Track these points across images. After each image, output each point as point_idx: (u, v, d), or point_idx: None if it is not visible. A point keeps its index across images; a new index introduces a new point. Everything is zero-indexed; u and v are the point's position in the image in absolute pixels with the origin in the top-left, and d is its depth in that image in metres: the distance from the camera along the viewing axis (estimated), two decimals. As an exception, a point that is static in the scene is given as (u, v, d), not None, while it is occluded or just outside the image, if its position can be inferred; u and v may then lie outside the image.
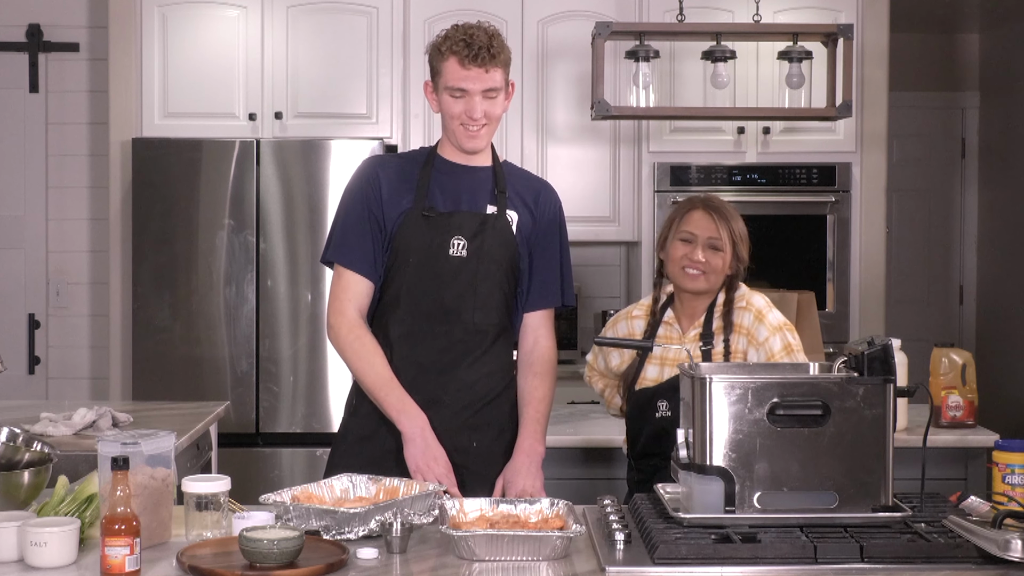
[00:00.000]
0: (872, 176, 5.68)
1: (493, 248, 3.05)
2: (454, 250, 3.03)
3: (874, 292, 5.70)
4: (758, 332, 3.21)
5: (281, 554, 2.29)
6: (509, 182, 3.12)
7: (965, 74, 7.75)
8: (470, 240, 3.03)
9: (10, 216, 5.92)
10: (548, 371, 3.15)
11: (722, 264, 3.24)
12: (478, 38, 2.98)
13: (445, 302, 3.04)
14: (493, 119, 3.06)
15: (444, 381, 3.05)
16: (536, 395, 3.12)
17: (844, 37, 4.76)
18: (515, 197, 3.11)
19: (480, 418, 3.07)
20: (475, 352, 3.06)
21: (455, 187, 3.08)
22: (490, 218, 3.06)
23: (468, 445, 3.06)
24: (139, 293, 5.31)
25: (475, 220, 3.05)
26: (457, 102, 3.02)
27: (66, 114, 5.90)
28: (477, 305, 3.05)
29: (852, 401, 2.51)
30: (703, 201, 3.29)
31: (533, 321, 3.16)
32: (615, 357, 3.40)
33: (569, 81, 5.63)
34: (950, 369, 4.04)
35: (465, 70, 2.98)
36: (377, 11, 5.56)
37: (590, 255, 6.04)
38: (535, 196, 3.14)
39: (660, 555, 2.35)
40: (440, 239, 3.03)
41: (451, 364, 3.05)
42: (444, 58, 3.01)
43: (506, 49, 3.05)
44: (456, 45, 2.98)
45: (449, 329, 3.05)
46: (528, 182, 3.18)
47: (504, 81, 3.05)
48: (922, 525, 2.51)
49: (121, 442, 2.52)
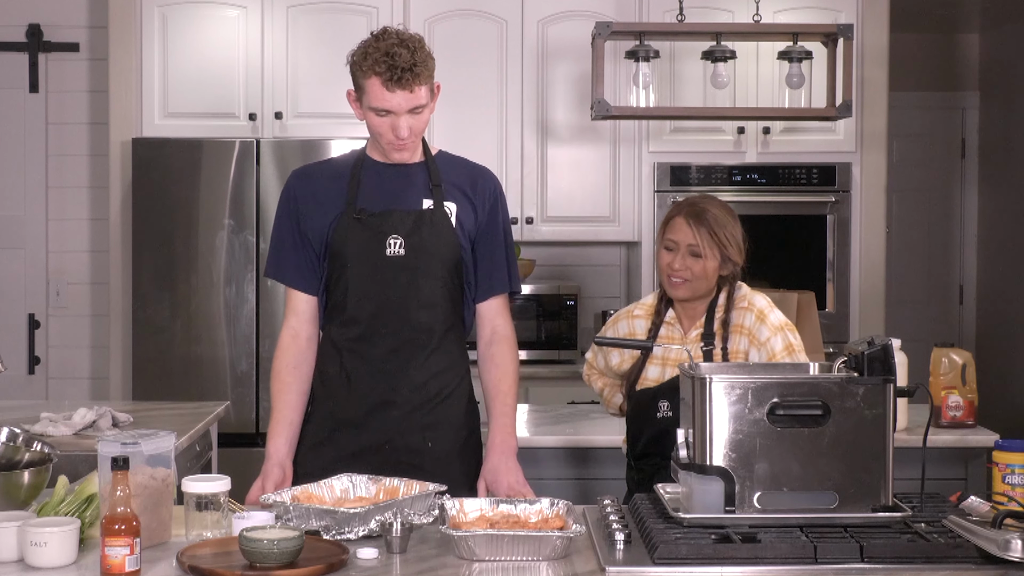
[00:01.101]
0: (872, 176, 5.68)
1: (432, 243, 3.01)
2: (391, 250, 3.01)
3: (874, 292, 5.70)
4: (759, 332, 3.20)
5: (281, 554, 2.29)
6: (444, 173, 3.08)
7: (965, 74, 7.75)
8: (407, 238, 3.01)
9: (10, 216, 5.92)
10: (510, 361, 3.10)
11: (703, 271, 3.21)
12: (401, 58, 2.90)
13: (387, 303, 3.02)
14: (419, 131, 3.02)
15: (394, 383, 3.02)
16: (502, 388, 3.07)
17: (844, 37, 4.76)
18: (452, 188, 3.07)
19: (433, 417, 3.04)
20: (423, 351, 3.03)
21: (388, 186, 3.05)
22: (426, 213, 3.03)
23: (422, 446, 3.03)
24: (139, 293, 5.31)
25: (410, 217, 3.02)
26: (383, 121, 2.97)
27: (66, 114, 5.90)
28: (421, 303, 3.02)
29: (852, 401, 2.51)
30: (687, 207, 3.26)
31: (487, 311, 3.10)
32: (615, 356, 3.40)
33: (569, 81, 5.63)
34: (950, 369, 4.04)
35: (390, 92, 2.92)
36: (377, 11, 5.56)
37: (590, 255, 6.04)
38: (472, 183, 3.10)
39: (660, 555, 2.35)
40: (376, 240, 3.01)
41: (400, 366, 3.02)
42: (366, 76, 2.95)
43: (429, 60, 2.96)
44: (379, 66, 2.91)
45: (394, 330, 3.02)
46: (465, 170, 3.13)
47: (429, 93, 2.98)
48: (922, 525, 2.51)
49: (121, 442, 2.52)
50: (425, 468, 2.97)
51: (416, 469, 2.95)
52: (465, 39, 5.62)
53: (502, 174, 5.65)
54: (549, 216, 5.69)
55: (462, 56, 5.62)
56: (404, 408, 3.03)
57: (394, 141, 2.98)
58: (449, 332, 3.06)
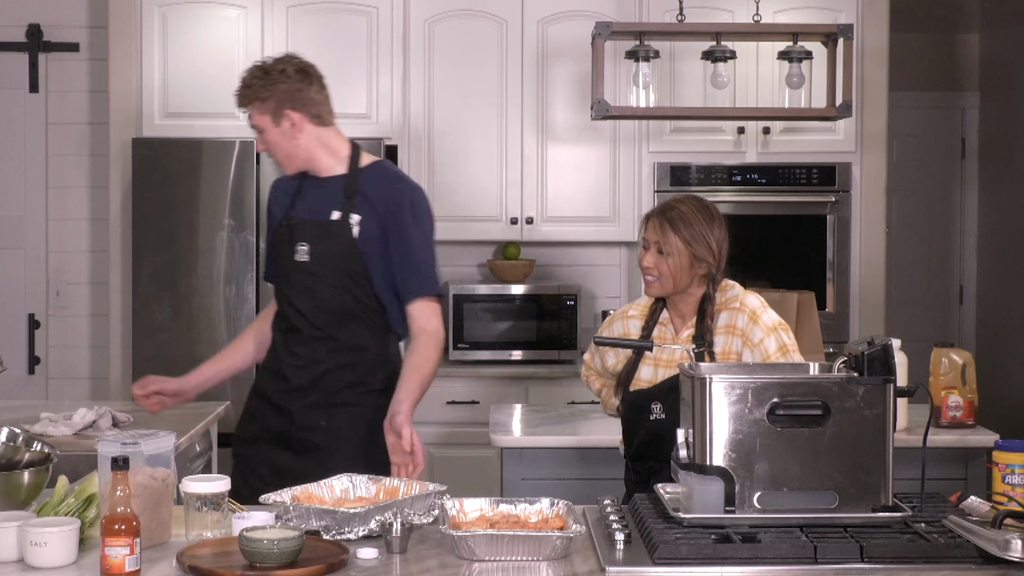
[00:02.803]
0: (872, 176, 5.68)
1: (330, 251, 3.32)
2: (299, 255, 3.34)
3: (874, 292, 5.70)
4: (753, 333, 3.20)
5: (281, 554, 2.29)
6: (364, 187, 3.34)
7: (965, 74, 7.75)
8: (312, 245, 3.33)
9: (10, 216, 5.92)
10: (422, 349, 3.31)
11: (669, 268, 3.22)
12: (244, 79, 3.33)
13: (293, 304, 3.36)
14: (275, 150, 3.36)
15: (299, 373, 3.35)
16: (408, 364, 3.30)
17: (844, 37, 4.75)
18: (365, 201, 3.33)
19: (331, 400, 3.33)
20: (325, 347, 3.33)
21: (314, 197, 3.38)
22: (332, 224, 3.32)
23: (318, 425, 3.33)
24: (139, 293, 5.31)
25: (317, 227, 3.34)
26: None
27: (66, 114, 5.90)
28: (321, 305, 3.33)
29: (852, 401, 2.51)
30: (659, 206, 3.31)
31: (412, 311, 3.35)
32: (611, 357, 3.40)
33: (569, 81, 5.63)
34: (950, 369, 4.04)
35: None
36: (377, 11, 5.56)
37: (590, 255, 6.04)
38: (388, 196, 3.34)
39: (660, 555, 2.35)
40: (290, 247, 3.36)
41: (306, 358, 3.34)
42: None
43: (259, 85, 3.29)
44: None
45: (300, 327, 3.35)
46: (387, 183, 3.38)
47: (263, 118, 3.32)
48: (922, 525, 2.51)
49: (121, 442, 2.53)
50: (322, 445, 3.30)
51: (314, 446, 3.30)
52: (465, 39, 5.62)
53: (502, 174, 5.66)
54: (549, 216, 5.69)
55: (462, 56, 5.62)
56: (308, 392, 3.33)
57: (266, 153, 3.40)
58: (358, 329, 3.34)
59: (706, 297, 3.25)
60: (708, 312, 3.24)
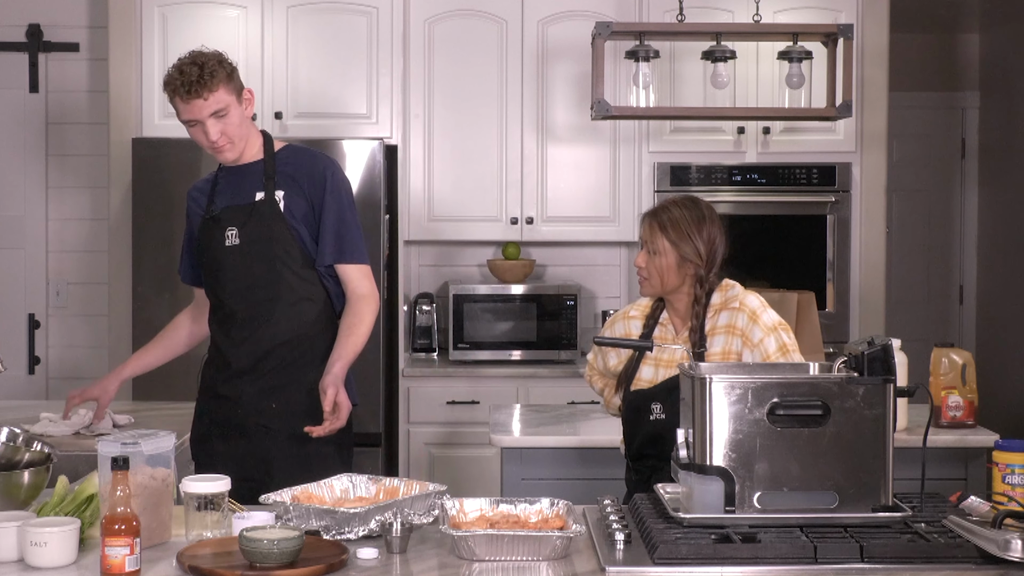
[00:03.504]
0: (872, 176, 5.68)
1: (261, 228, 3.36)
2: (229, 240, 3.39)
3: (874, 292, 5.70)
4: (752, 333, 3.20)
5: (281, 554, 2.30)
6: (282, 165, 3.41)
7: (965, 74, 7.75)
8: (241, 228, 3.38)
9: (10, 216, 5.92)
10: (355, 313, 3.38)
11: (658, 268, 3.23)
12: (189, 73, 3.29)
13: (228, 288, 3.41)
14: (233, 132, 3.35)
15: (242, 355, 3.38)
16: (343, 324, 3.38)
17: (844, 37, 4.76)
18: (287, 179, 3.40)
19: (277, 380, 3.36)
20: (264, 325, 3.37)
21: (233, 186, 3.43)
22: (258, 204, 3.38)
23: (267, 407, 3.36)
24: (139, 293, 5.31)
25: (244, 210, 3.39)
26: (196, 131, 3.36)
27: (66, 114, 5.90)
28: (256, 284, 3.37)
29: (852, 401, 2.51)
30: (653, 208, 3.33)
31: (344, 276, 3.42)
32: (612, 357, 3.40)
33: (569, 81, 5.63)
34: (950, 369, 4.04)
35: (186, 104, 3.31)
36: (377, 11, 5.56)
37: (590, 255, 6.04)
38: (307, 171, 3.41)
39: (660, 555, 2.35)
40: (218, 235, 3.41)
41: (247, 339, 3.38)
42: (171, 98, 3.36)
43: (220, 70, 3.31)
44: (172, 83, 3.32)
45: (239, 309, 3.39)
46: (303, 159, 3.45)
47: (232, 96, 3.34)
48: (922, 525, 2.51)
49: (121, 442, 2.53)
50: (272, 427, 3.34)
51: (262, 428, 3.34)
52: (465, 39, 5.63)
53: (502, 174, 5.66)
54: (549, 216, 5.69)
55: (462, 56, 5.62)
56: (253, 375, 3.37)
57: (209, 145, 3.36)
58: (294, 305, 3.37)
59: (695, 299, 3.25)
60: (695, 313, 3.24)
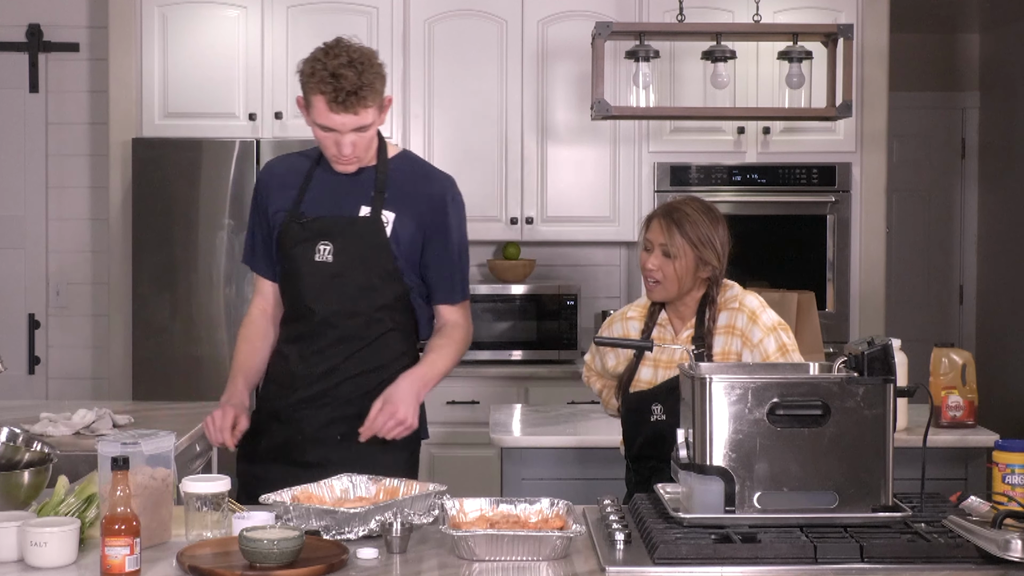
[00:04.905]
0: (872, 176, 5.68)
1: (360, 250, 3.06)
2: (320, 255, 3.06)
3: (874, 292, 5.70)
4: (752, 333, 3.19)
5: (281, 554, 2.29)
6: (396, 181, 3.09)
7: (965, 74, 7.75)
8: (336, 244, 3.06)
9: (10, 216, 5.92)
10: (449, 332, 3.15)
11: (675, 271, 3.17)
12: (347, 80, 2.92)
13: (311, 307, 3.08)
14: (364, 146, 3.04)
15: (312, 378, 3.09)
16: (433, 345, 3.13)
17: (844, 37, 4.76)
18: (399, 197, 3.08)
19: (345, 410, 3.08)
20: (347, 353, 3.08)
21: (334, 189, 3.10)
22: (360, 221, 3.06)
23: (331, 437, 3.08)
24: (139, 293, 5.31)
25: (343, 224, 3.07)
26: (327, 136, 3.01)
27: (66, 114, 5.90)
28: (343, 310, 3.07)
29: (852, 401, 2.51)
30: (663, 207, 3.24)
31: (441, 312, 3.18)
32: (611, 358, 3.39)
33: (569, 81, 5.63)
34: (950, 369, 4.04)
35: (334, 113, 2.95)
36: (377, 11, 5.56)
37: (590, 255, 6.04)
38: (425, 192, 3.11)
39: (660, 555, 2.35)
40: (307, 245, 3.07)
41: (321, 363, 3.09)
42: (312, 93, 2.98)
43: (378, 81, 2.97)
44: (324, 86, 2.94)
45: (319, 333, 3.09)
46: (418, 177, 3.14)
47: (377, 111, 3.00)
48: (922, 525, 2.51)
49: (121, 442, 2.53)
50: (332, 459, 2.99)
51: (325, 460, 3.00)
52: (465, 39, 5.63)
53: (502, 174, 5.65)
54: (549, 216, 5.69)
55: (462, 56, 5.62)
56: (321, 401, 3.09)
57: (337, 156, 3.03)
58: (385, 335, 3.10)
59: (708, 299, 3.23)
60: (710, 315, 3.21)
